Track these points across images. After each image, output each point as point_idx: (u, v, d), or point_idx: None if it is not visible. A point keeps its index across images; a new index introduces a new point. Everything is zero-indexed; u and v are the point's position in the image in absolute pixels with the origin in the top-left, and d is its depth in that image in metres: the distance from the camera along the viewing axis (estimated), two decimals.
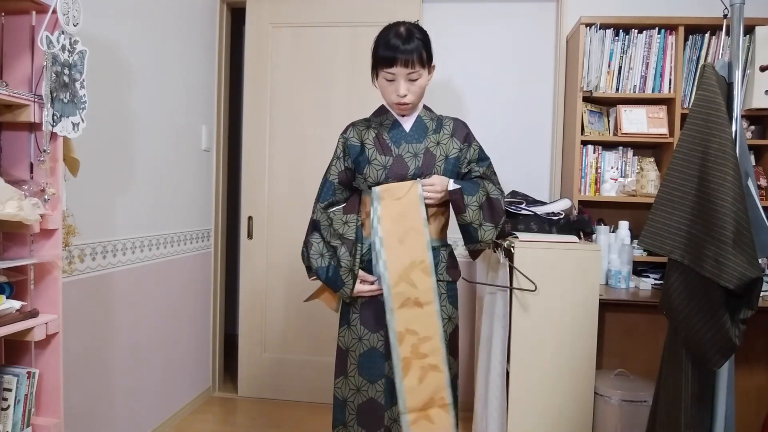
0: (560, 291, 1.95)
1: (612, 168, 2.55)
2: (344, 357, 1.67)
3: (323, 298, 1.76)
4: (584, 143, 2.53)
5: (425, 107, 1.71)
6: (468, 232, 1.65)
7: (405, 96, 1.57)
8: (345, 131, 1.73)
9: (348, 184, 1.71)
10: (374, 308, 1.63)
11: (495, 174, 1.74)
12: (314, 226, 1.71)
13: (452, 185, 1.61)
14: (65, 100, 1.39)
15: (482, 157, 1.72)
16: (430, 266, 1.58)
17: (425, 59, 1.57)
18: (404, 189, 1.60)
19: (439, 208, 1.67)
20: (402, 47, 1.52)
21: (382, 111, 1.72)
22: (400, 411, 1.58)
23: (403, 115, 1.67)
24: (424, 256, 1.58)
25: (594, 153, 2.55)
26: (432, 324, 1.59)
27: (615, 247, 2.38)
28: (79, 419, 1.93)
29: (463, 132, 1.69)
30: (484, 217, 1.62)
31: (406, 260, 1.58)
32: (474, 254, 1.83)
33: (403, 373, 1.58)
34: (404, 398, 1.58)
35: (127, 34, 2.16)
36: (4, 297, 1.33)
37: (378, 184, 1.63)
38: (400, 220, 1.59)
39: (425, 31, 1.61)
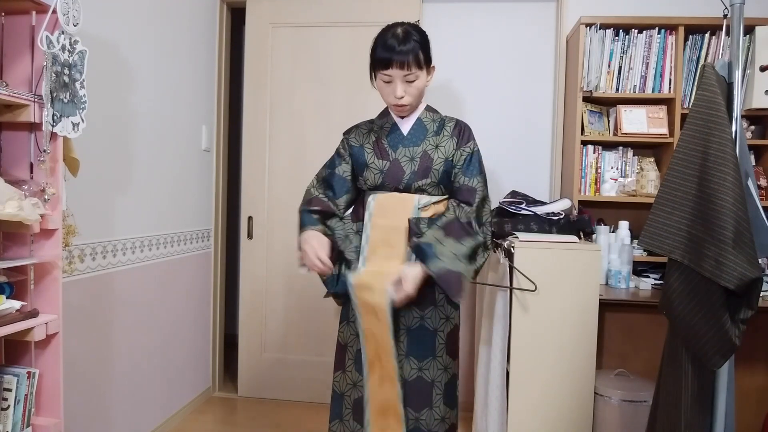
0: (560, 291, 1.95)
1: (612, 168, 2.55)
2: (343, 352, 1.68)
3: None
4: (584, 143, 2.53)
5: (428, 108, 1.69)
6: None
7: (402, 98, 1.57)
8: (348, 132, 1.74)
9: (353, 182, 1.72)
10: None
11: (480, 190, 1.61)
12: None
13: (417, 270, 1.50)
14: (65, 100, 1.39)
15: (470, 168, 1.62)
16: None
17: (422, 61, 1.55)
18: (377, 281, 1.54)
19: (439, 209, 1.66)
20: (398, 48, 1.51)
21: (384, 113, 1.72)
22: (365, 400, 1.60)
23: (402, 117, 1.67)
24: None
25: (594, 153, 2.55)
26: (385, 339, 1.54)
27: (615, 247, 2.38)
28: (79, 419, 1.93)
29: (458, 131, 1.65)
30: (446, 234, 1.52)
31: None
32: (448, 284, 1.51)
33: (369, 371, 1.60)
34: (368, 392, 1.60)
35: (127, 34, 2.16)
36: (4, 297, 1.33)
37: (375, 187, 1.64)
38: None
39: (424, 32, 1.60)
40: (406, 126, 1.66)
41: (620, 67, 2.50)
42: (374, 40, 1.59)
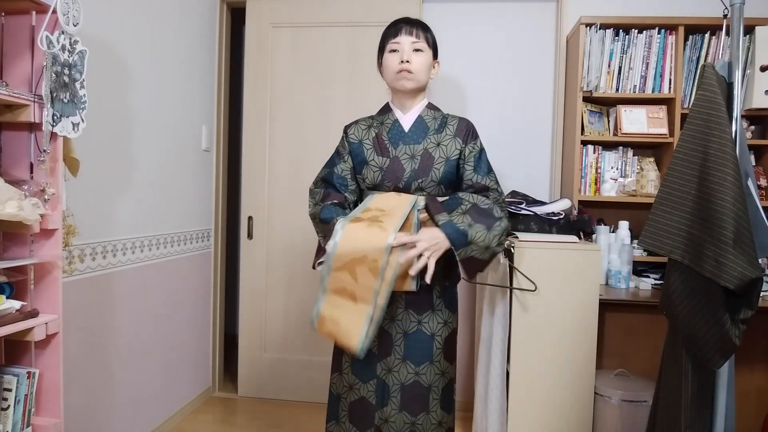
0: (560, 291, 1.95)
1: (612, 168, 2.56)
2: (339, 353, 1.67)
3: None
4: (584, 143, 2.53)
5: (429, 105, 1.68)
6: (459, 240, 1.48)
7: (408, 62, 1.57)
8: (347, 128, 1.72)
9: (355, 182, 1.70)
10: None
11: (494, 188, 1.60)
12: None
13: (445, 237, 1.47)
14: (65, 100, 1.39)
15: (481, 165, 1.62)
16: (380, 269, 1.41)
17: (431, 42, 1.63)
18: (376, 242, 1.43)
19: None
20: (408, 23, 1.61)
21: (385, 110, 1.69)
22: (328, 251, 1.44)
23: (405, 95, 1.64)
24: (378, 255, 1.41)
25: (594, 153, 2.55)
26: (357, 324, 1.43)
27: (615, 247, 2.38)
28: (79, 419, 1.93)
29: (463, 131, 1.63)
30: (473, 220, 1.50)
31: (358, 250, 1.44)
32: (468, 268, 1.53)
33: (348, 222, 1.46)
34: (337, 239, 1.43)
35: (127, 34, 2.15)
36: (4, 297, 1.33)
37: (375, 186, 1.62)
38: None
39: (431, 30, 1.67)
40: (407, 121, 1.64)
41: (620, 67, 2.50)
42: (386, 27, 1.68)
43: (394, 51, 1.60)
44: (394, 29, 1.61)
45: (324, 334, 1.48)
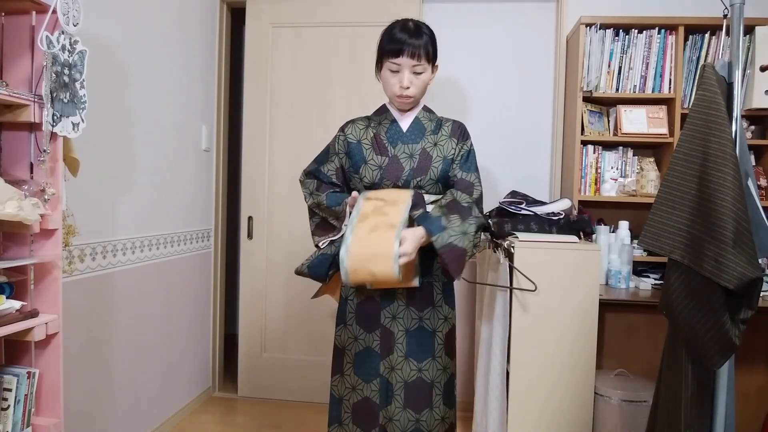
0: (560, 291, 1.95)
1: (612, 168, 2.56)
2: (340, 355, 1.67)
3: (329, 292, 1.76)
4: (584, 143, 2.53)
5: (425, 108, 1.70)
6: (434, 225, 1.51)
7: (408, 88, 1.57)
8: (344, 127, 1.73)
9: (342, 182, 1.71)
10: (370, 308, 1.63)
11: (478, 186, 1.63)
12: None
13: (421, 231, 1.50)
14: (65, 100, 1.39)
15: (468, 164, 1.64)
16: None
17: (431, 55, 1.59)
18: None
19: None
20: (410, 39, 1.54)
21: (382, 110, 1.71)
22: (341, 253, 1.44)
23: (403, 111, 1.66)
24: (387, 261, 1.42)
25: (594, 153, 2.55)
26: (403, 198, 1.52)
27: (615, 247, 2.38)
28: (79, 419, 1.93)
29: (457, 131, 1.66)
30: (449, 211, 1.54)
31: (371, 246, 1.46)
32: (450, 258, 1.49)
33: (357, 221, 1.48)
34: (348, 243, 1.44)
35: (127, 34, 2.15)
36: (4, 297, 1.33)
37: (373, 185, 1.63)
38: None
39: (432, 30, 1.63)
40: (405, 122, 1.66)
41: (620, 67, 2.50)
42: (384, 31, 1.61)
43: (394, 71, 1.58)
44: (396, 47, 1.54)
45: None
